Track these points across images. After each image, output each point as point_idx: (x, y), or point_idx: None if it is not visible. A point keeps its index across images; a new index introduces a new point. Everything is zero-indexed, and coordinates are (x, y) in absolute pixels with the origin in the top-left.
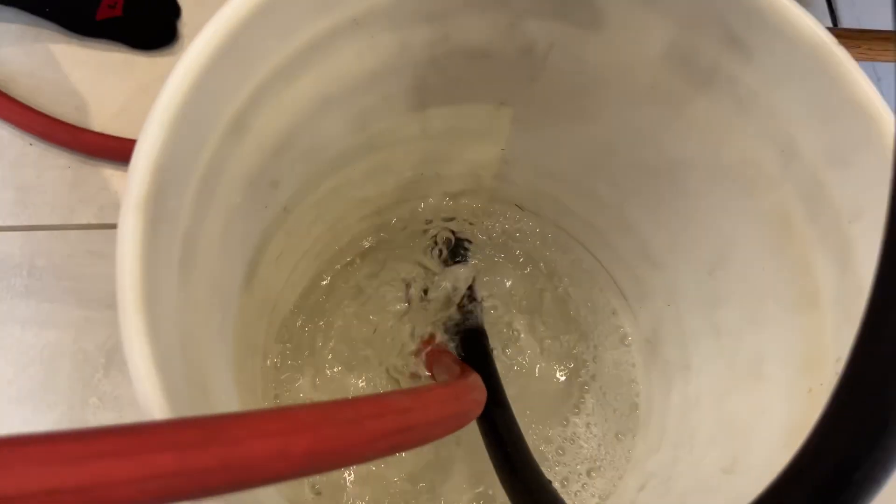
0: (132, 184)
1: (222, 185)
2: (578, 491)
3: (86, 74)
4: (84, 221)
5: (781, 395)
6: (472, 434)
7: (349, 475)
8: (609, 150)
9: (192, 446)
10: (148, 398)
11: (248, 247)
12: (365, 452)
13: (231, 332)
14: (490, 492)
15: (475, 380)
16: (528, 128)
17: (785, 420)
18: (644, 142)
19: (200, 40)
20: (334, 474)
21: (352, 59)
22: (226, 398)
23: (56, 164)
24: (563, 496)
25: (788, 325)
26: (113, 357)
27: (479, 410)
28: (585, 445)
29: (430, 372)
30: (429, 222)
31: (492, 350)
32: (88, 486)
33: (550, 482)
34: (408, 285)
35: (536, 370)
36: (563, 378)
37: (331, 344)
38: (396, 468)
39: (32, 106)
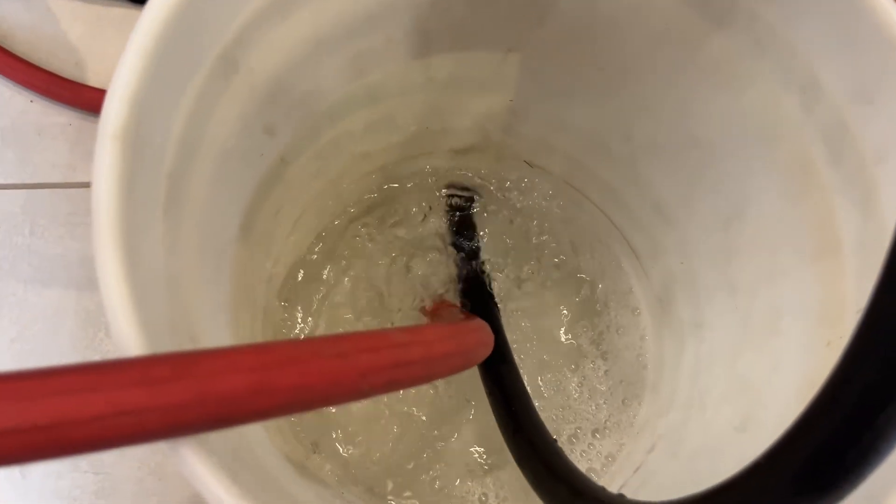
0: (109, 112)
1: (212, 126)
2: (584, 450)
3: (85, 30)
4: (86, 179)
5: (797, 349)
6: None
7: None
8: (621, 100)
9: (164, 381)
10: (123, 336)
11: (243, 196)
12: (358, 387)
13: (227, 285)
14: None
15: (479, 323)
16: (537, 76)
17: (800, 375)
18: (657, 90)
19: None
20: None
21: None
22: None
23: (57, 121)
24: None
25: (807, 276)
26: None
27: (483, 351)
28: (591, 407)
29: None
30: (434, 180)
31: (498, 308)
32: (55, 423)
33: (555, 440)
34: (413, 246)
35: (542, 330)
36: (568, 338)
37: (336, 299)
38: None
39: (32, 62)
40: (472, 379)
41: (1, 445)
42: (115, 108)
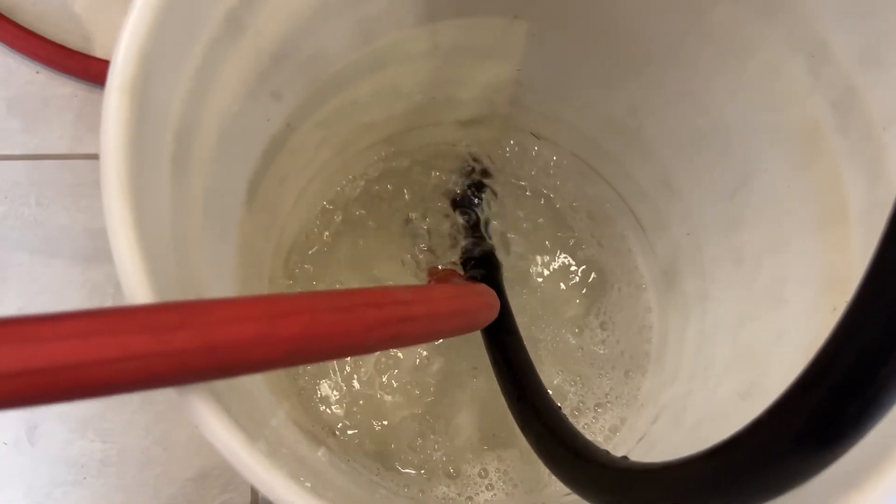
0: (117, 64)
1: (218, 86)
2: (588, 423)
3: (92, 2)
4: (91, 151)
5: (802, 317)
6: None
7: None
8: (627, 68)
9: (172, 328)
10: (133, 284)
11: (249, 161)
12: (362, 340)
13: (233, 251)
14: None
15: (483, 287)
16: (544, 45)
17: (805, 341)
18: (663, 57)
19: None
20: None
21: None
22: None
23: (62, 92)
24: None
25: (812, 244)
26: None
27: (488, 314)
28: (594, 381)
29: None
30: (442, 153)
31: (503, 278)
32: (62, 365)
33: (560, 407)
34: (419, 217)
35: (546, 299)
36: (573, 311)
37: (342, 272)
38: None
39: (39, 33)
40: (473, 356)
41: (11, 387)
42: (122, 61)
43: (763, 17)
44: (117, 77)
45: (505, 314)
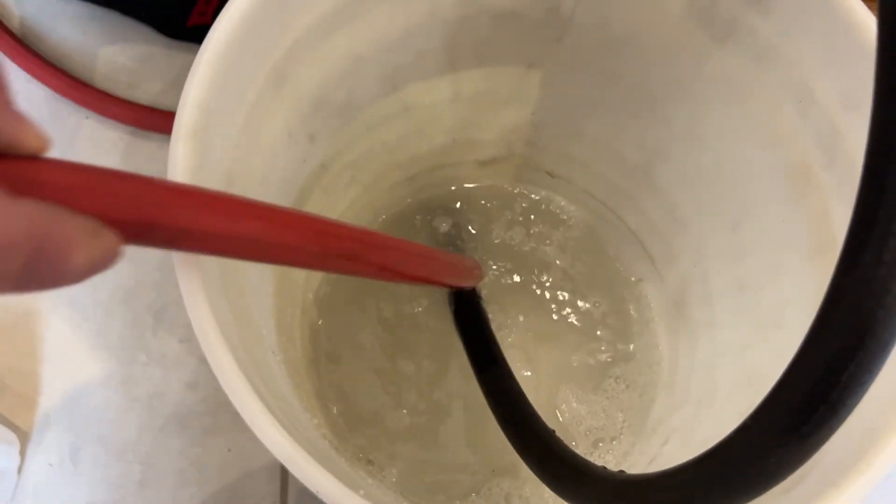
0: (183, 115)
1: (264, 132)
2: (601, 454)
3: (136, 54)
4: None
5: (801, 340)
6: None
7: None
8: (635, 110)
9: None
10: (200, 319)
11: (287, 198)
12: (313, 244)
13: (271, 279)
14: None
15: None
16: (557, 90)
17: None
18: (669, 99)
19: None
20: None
21: (384, 18)
22: (266, 333)
23: (109, 136)
24: (592, 458)
25: (807, 272)
26: (161, 317)
27: (452, 275)
28: (606, 414)
29: None
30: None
31: (486, 313)
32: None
33: (553, 431)
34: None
35: (560, 340)
36: (586, 349)
37: (367, 298)
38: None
39: (87, 82)
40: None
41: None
42: (188, 112)
43: (756, 64)
44: (183, 127)
45: (491, 348)
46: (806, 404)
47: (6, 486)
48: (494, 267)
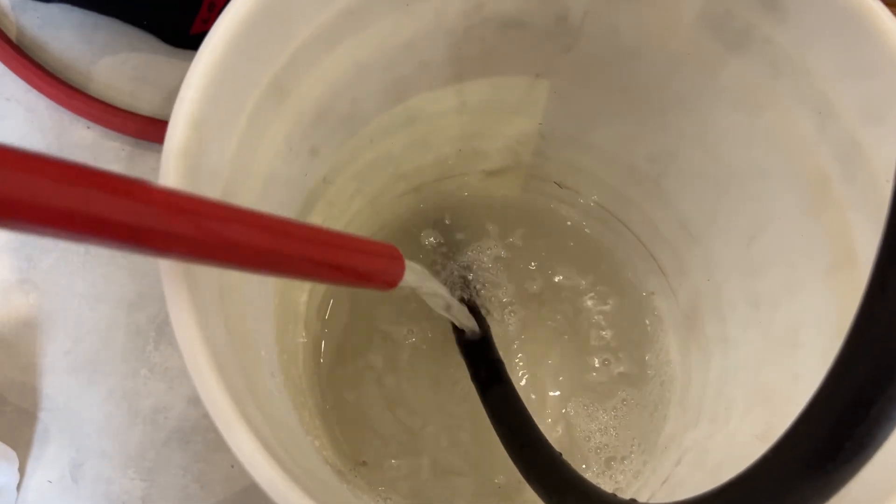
0: (174, 132)
1: (263, 147)
2: (612, 473)
3: (139, 62)
4: None
5: (817, 359)
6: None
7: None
8: (645, 122)
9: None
10: (188, 344)
11: (287, 215)
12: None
13: (272, 293)
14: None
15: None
16: (565, 100)
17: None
18: (679, 112)
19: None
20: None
21: (388, 27)
22: (265, 354)
23: (111, 146)
24: (604, 477)
25: (824, 289)
26: (163, 330)
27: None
28: (616, 433)
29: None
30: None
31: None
32: None
33: (560, 454)
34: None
35: (568, 355)
36: (595, 366)
37: (374, 310)
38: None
39: (89, 92)
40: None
41: None
42: (179, 128)
43: (771, 75)
44: (175, 144)
45: (495, 365)
46: (831, 439)
47: None
48: (500, 280)
